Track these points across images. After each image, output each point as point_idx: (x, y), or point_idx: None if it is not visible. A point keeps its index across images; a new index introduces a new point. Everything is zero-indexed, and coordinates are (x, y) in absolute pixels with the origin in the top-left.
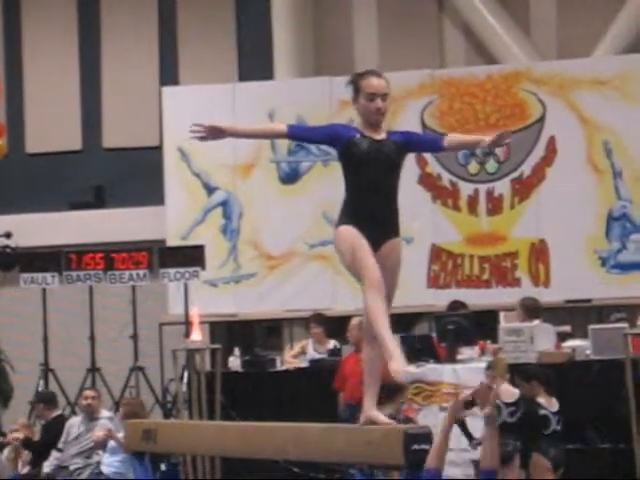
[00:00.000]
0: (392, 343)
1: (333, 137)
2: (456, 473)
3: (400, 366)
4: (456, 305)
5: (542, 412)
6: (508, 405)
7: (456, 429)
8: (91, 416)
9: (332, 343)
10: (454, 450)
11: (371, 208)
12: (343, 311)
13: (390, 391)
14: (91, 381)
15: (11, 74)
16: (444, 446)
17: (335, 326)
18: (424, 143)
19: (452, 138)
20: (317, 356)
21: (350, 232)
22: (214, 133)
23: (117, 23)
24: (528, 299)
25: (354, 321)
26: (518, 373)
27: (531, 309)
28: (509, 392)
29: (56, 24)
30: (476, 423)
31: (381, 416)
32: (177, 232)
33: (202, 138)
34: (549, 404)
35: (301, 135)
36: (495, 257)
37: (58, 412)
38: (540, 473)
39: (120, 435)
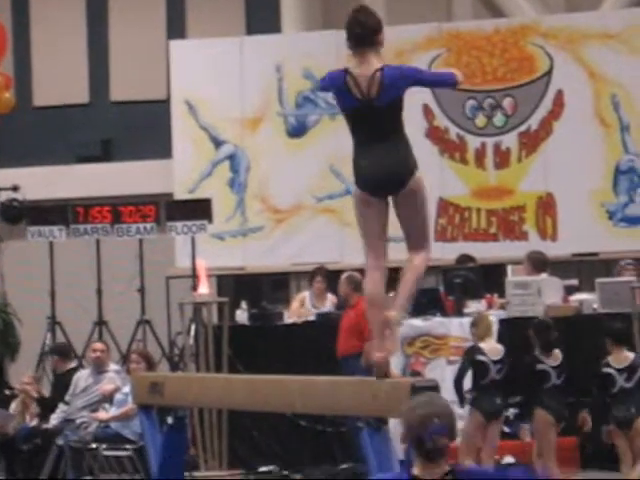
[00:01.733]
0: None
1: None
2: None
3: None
4: (464, 259)
5: (540, 367)
6: (495, 362)
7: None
8: (99, 369)
9: (329, 298)
10: None
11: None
12: (350, 264)
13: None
14: (98, 334)
15: (18, 27)
16: None
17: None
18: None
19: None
20: (314, 311)
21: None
22: None
23: None
24: (535, 253)
25: (343, 276)
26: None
27: (538, 262)
28: (495, 349)
29: None
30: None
31: (393, 370)
32: (184, 185)
33: None
34: (547, 358)
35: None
36: (502, 210)
37: (72, 365)
38: (543, 427)
39: (126, 388)
